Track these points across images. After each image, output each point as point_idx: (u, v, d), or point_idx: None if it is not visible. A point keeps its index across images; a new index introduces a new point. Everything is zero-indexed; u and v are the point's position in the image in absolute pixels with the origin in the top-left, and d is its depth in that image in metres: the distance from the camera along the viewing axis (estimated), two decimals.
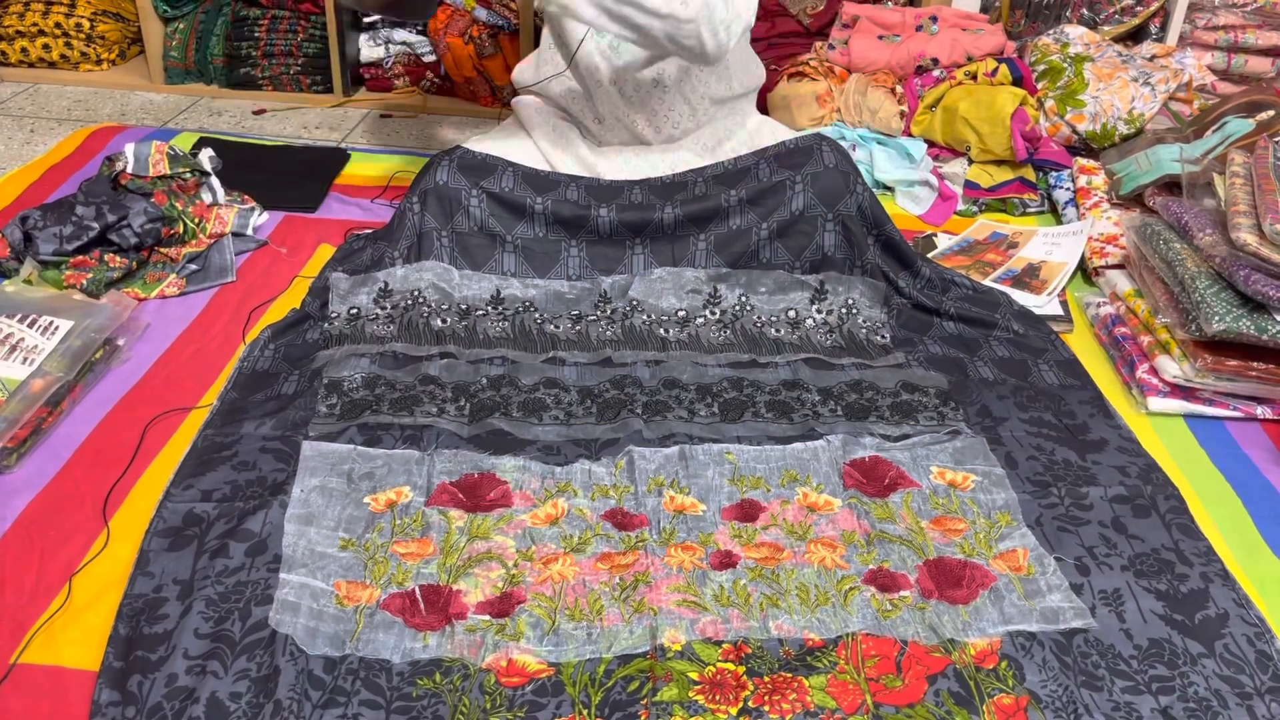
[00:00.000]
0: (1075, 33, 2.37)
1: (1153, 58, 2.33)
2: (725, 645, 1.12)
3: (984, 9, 2.50)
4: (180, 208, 1.83)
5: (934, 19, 2.38)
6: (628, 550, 1.25)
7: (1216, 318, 1.48)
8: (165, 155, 1.88)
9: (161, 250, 1.78)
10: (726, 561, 1.24)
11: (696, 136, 1.86)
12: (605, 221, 1.72)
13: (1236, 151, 1.73)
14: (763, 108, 2.31)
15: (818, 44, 2.50)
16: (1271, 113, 1.96)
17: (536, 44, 2.56)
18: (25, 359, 1.44)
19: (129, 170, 1.84)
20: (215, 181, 1.94)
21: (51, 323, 1.51)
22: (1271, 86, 2.30)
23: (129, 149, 1.88)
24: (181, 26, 2.65)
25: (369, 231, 1.87)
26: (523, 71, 1.95)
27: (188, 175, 1.89)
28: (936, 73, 2.29)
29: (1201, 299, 1.51)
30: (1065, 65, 2.27)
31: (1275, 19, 2.47)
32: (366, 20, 2.66)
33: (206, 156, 1.95)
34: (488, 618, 1.15)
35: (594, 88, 1.81)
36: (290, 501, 1.27)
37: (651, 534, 1.27)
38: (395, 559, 1.22)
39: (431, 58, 2.69)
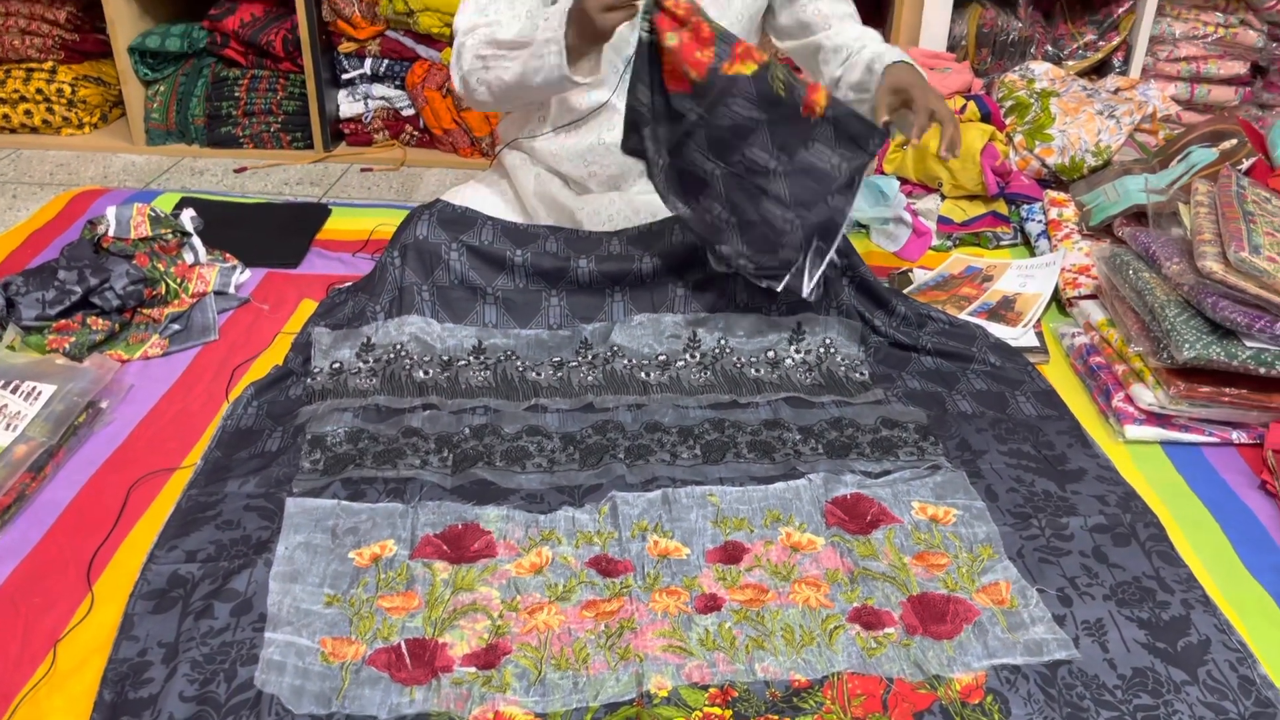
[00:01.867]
0: (1040, 69, 2.42)
1: (1117, 90, 2.38)
2: (712, 689, 1.12)
3: (951, 48, 2.55)
4: (162, 269, 1.85)
5: None
6: (612, 597, 1.25)
7: (1187, 345, 1.50)
8: (146, 217, 1.90)
9: (144, 311, 1.79)
10: (711, 605, 1.24)
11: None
12: (584, 272, 1.74)
13: (1200, 181, 1.76)
14: None
15: None
16: (1234, 141, 2.00)
17: None
18: (8, 425, 1.45)
19: (110, 233, 1.86)
20: (197, 241, 1.96)
21: (34, 388, 1.52)
22: (1234, 116, 2.35)
23: (110, 212, 1.89)
24: (162, 88, 2.69)
25: (349, 284, 1.89)
26: (509, 126, 1.95)
27: (169, 236, 1.91)
28: None
29: (1172, 327, 1.53)
30: (1032, 101, 2.31)
31: (1235, 49, 2.53)
32: (345, 77, 2.70)
33: (188, 217, 1.97)
34: (474, 670, 1.15)
35: (589, 147, 1.82)
36: (275, 559, 1.27)
37: (636, 580, 1.27)
38: (380, 613, 1.22)
39: (410, 111, 2.72)
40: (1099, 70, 2.59)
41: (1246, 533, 1.39)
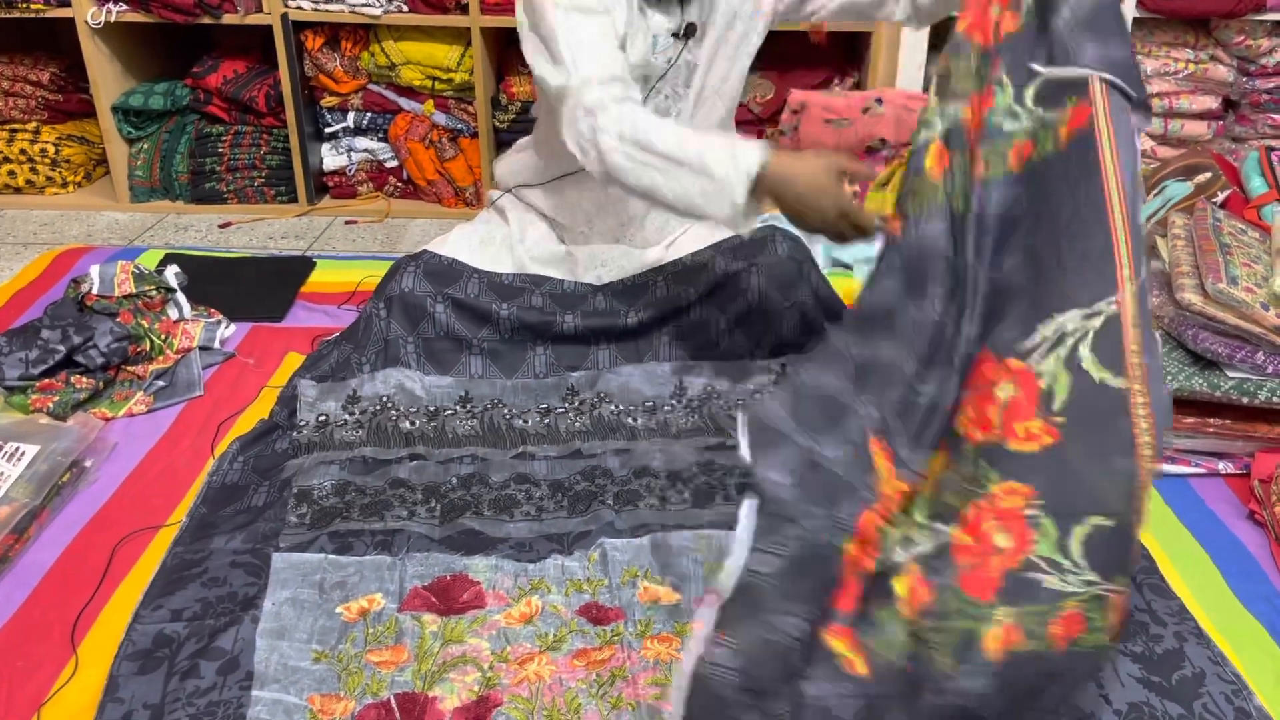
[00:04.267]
0: None
1: None
2: None
3: (926, 88, 2.59)
4: (146, 325, 1.84)
5: (879, 101, 2.46)
6: (604, 645, 1.24)
7: (1170, 377, 1.51)
8: (130, 274, 1.90)
9: (128, 369, 1.79)
10: None
11: (661, 228, 1.87)
12: (570, 327, 1.74)
13: (1177, 214, 1.78)
14: None
15: (769, 131, 2.58)
16: (1209, 174, 2.03)
17: (496, 145, 2.63)
18: None
19: (95, 291, 1.86)
20: (181, 297, 1.96)
21: (18, 449, 1.51)
22: (1207, 150, 2.38)
23: (94, 270, 1.89)
24: (146, 146, 2.70)
25: (336, 335, 1.89)
26: (508, 173, 1.92)
27: (154, 293, 1.91)
28: (885, 152, 2.36)
29: None
30: None
31: (1207, 84, 2.57)
32: (328, 131, 2.72)
33: (172, 273, 1.97)
34: None
35: (575, 199, 1.83)
36: (261, 615, 1.26)
37: (627, 627, 1.26)
38: (369, 668, 1.21)
39: (394, 163, 2.74)
40: None
41: (1236, 563, 1.39)
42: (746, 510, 1.00)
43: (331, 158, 2.74)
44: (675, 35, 1.67)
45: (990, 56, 1.10)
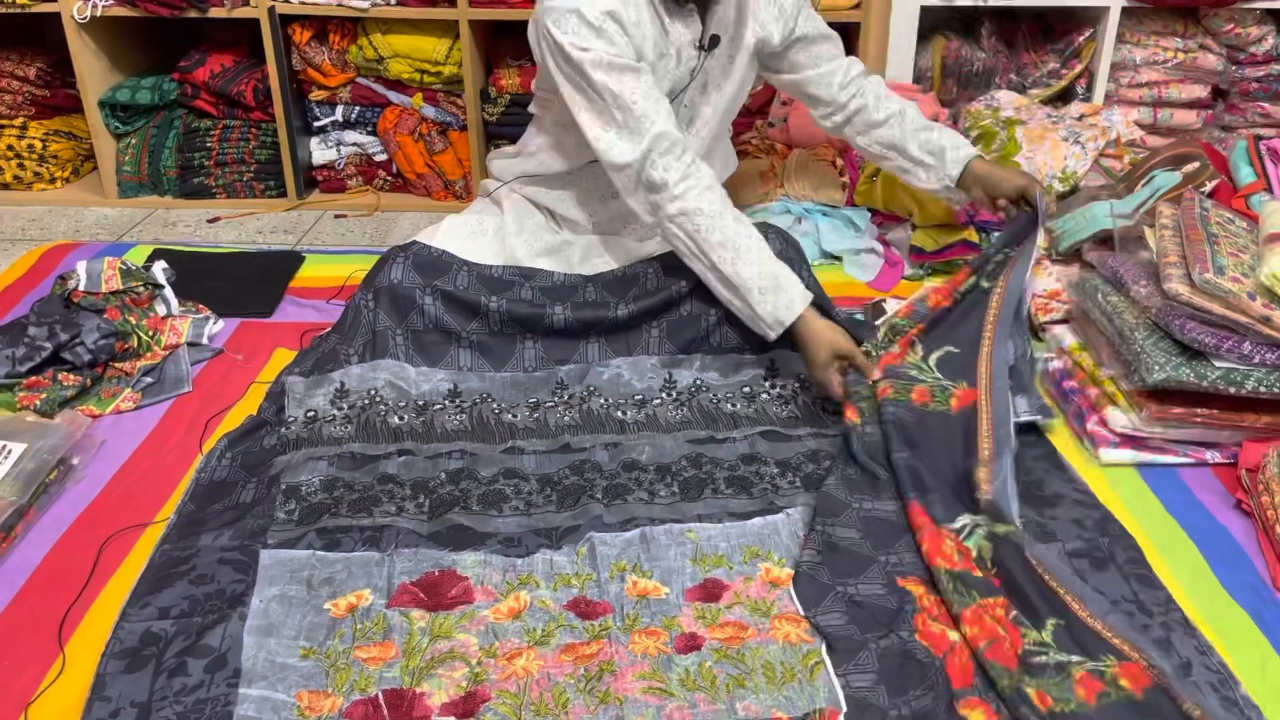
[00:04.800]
0: (1005, 98, 2.45)
1: (1081, 117, 2.41)
2: None
3: (917, 79, 2.58)
4: (134, 321, 1.84)
5: None
6: (591, 640, 1.24)
7: (1157, 367, 1.51)
8: (117, 270, 1.89)
9: (116, 365, 1.78)
10: (691, 644, 1.23)
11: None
12: (560, 320, 1.74)
13: (1165, 204, 1.78)
14: None
15: (758, 122, 2.57)
16: (1197, 164, 2.03)
17: (486, 140, 2.62)
18: None
19: (81, 288, 1.85)
20: (169, 293, 1.95)
21: (4, 446, 1.50)
22: (1196, 139, 2.38)
23: (81, 267, 1.89)
24: (134, 141, 2.69)
25: (326, 332, 1.88)
26: (505, 167, 1.94)
27: (141, 289, 1.90)
28: None
29: (1141, 349, 1.54)
30: (998, 129, 2.34)
31: (1196, 73, 2.57)
32: (317, 124, 2.71)
33: (160, 269, 1.97)
34: (453, 719, 1.14)
35: (579, 194, 1.86)
36: (250, 613, 1.26)
37: (615, 621, 1.26)
38: (358, 665, 1.21)
39: (383, 157, 2.73)
40: (1063, 97, 2.62)
41: (1224, 553, 1.39)
42: (823, 651, 1.22)
43: (320, 152, 2.73)
44: (700, 47, 1.71)
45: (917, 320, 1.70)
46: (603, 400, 1.69)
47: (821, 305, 1.76)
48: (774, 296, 1.59)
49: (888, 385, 1.59)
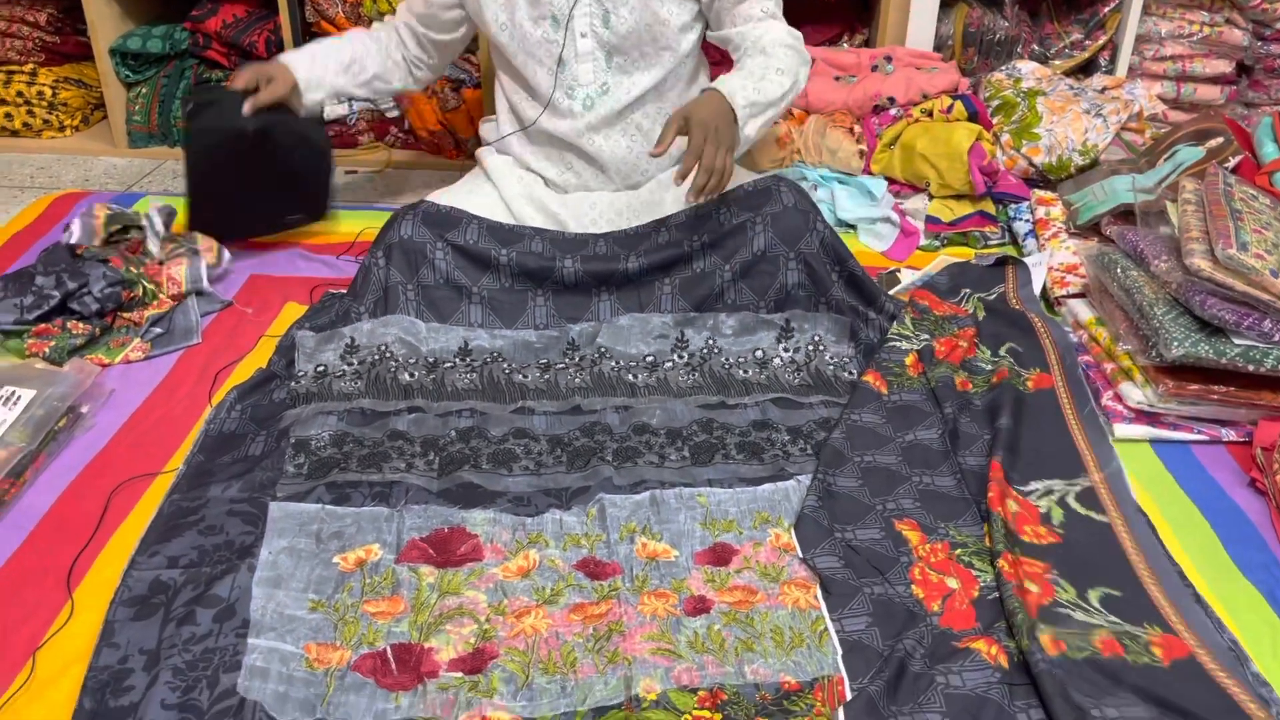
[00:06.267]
0: (1027, 68, 2.42)
1: (1103, 90, 2.38)
2: (701, 692, 1.11)
3: (937, 48, 2.55)
4: (136, 271, 1.82)
5: (889, 59, 2.42)
6: (600, 600, 1.24)
7: (1175, 343, 1.49)
8: (104, 215, 1.88)
9: (124, 315, 1.77)
10: (700, 607, 1.23)
11: (658, 179, 1.87)
12: (570, 273, 1.73)
13: (1188, 179, 1.76)
14: None
15: None
16: (1220, 139, 2.00)
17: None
18: None
19: (75, 241, 1.84)
20: (158, 225, 1.92)
21: (13, 393, 1.50)
22: (1220, 114, 2.35)
23: (75, 224, 1.88)
24: (144, 91, 2.66)
25: (342, 292, 1.87)
26: (488, 130, 1.97)
27: (132, 234, 1.89)
28: (893, 111, 2.33)
29: (1160, 325, 1.53)
30: (1019, 100, 2.31)
31: (1221, 48, 2.53)
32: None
33: (155, 209, 1.94)
34: (460, 675, 1.14)
35: (563, 147, 1.84)
36: (258, 564, 1.26)
37: (624, 582, 1.26)
38: (366, 618, 1.20)
39: (395, 113, 2.70)
40: (1085, 69, 2.59)
41: (1236, 531, 1.39)
42: (819, 593, 1.24)
43: (332, 106, 2.70)
44: None
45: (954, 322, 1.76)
46: (614, 363, 1.68)
47: (840, 256, 1.75)
48: None
49: (966, 379, 1.62)
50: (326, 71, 1.91)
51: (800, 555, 1.29)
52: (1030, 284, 1.85)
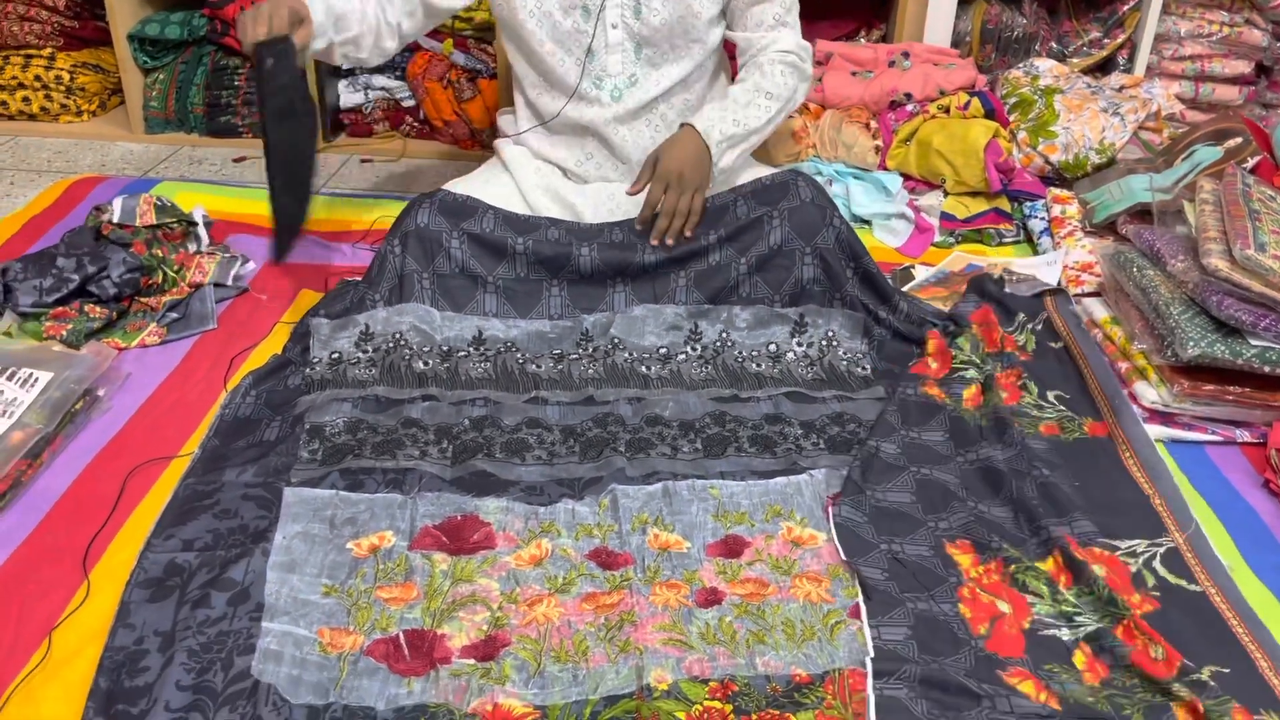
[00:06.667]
0: (1045, 65, 2.41)
1: (1121, 88, 2.37)
2: (712, 683, 1.12)
3: (955, 44, 2.54)
4: (161, 255, 1.83)
5: (906, 55, 2.42)
6: (612, 590, 1.24)
7: (1191, 343, 1.49)
8: (152, 206, 1.89)
9: (141, 300, 1.78)
10: (712, 598, 1.23)
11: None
12: (586, 261, 1.73)
13: (1206, 179, 1.75)
14: None
15: None
16: (1239, 140, 1.99)
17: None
18: (4, 411, 1.44)
19: (114, 220, 1.85)
20: (203, 231, 1.94)
21: (31, 375, 1.50)
22: (1238, 114, 2.34)
23: (117, 202, 1.88)
24: (161, 77, 2.67)
25: (358, 280, 1.87)
26: (506, 123, 1.97)
27: (174, 225, 1.90)
28: (910, 107, 2.32)
29: (1176, 324, 1.53)
30: (1036, 98, 2.30)
31: (1240, 48, 2.52)
32: (345, 67, 2.68)
33: (199, 212, 1.96)
34: (472, 661, 1.15)
35: (585, 136, 1.84)
36: (272, 549, 1.26)
37: (636, 573, 1.26)
38: (379, 604, 1.21)
39: (411, 102, 2.71)
40: (1103, 68, 2.58)
41: (1250, 532, 1.38)
42: (860, 600, 1.22)
43: (348, 95, 2.71)
44: None
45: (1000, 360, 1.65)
46: (627, 355, 1.69)
47: (855, 251, 1.75)
48: None
49: (1018, 420, 1.54)
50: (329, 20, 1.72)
51: (843, 558, 1.27)
52: (1071, 303, 1.80)
